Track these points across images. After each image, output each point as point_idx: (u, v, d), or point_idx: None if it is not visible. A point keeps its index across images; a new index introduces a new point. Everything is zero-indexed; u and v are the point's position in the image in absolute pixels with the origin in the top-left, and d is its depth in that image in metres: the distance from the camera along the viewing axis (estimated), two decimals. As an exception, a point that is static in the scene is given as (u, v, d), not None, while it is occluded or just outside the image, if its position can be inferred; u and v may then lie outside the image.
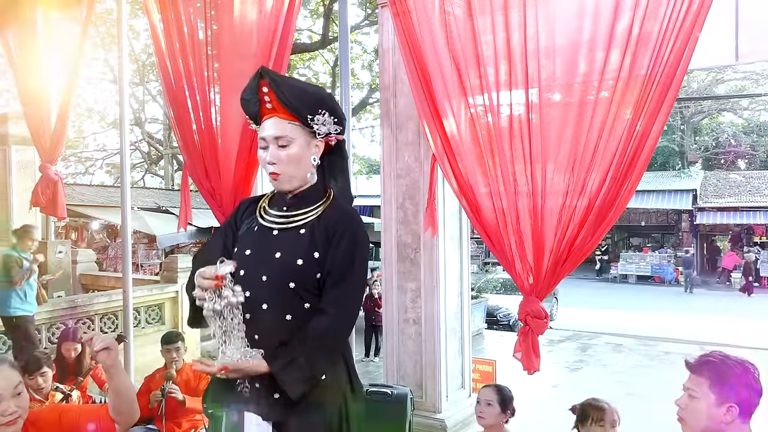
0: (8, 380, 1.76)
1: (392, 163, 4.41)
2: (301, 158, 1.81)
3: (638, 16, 2.34)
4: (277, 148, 1.79)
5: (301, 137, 1.81)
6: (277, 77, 1.80)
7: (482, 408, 2.93)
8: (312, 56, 15.50)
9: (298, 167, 1.82)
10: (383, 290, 4.54)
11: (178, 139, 3.83)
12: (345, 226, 1.83)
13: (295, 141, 1.79)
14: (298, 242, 1.81)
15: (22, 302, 5.64)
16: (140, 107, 20.21)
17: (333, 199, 1.91)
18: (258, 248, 1.83)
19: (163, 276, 7.99)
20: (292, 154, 1.80)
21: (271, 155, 1.80)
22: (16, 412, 1.75)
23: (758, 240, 23.18)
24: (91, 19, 4.34)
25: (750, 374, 1.75)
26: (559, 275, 2.55)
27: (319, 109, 1.80)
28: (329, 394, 1.80)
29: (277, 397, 1.77)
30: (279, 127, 1.79)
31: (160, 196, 16.56)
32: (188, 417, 3.94)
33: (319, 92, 1.88)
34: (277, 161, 1.80)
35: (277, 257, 1.79)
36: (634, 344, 10.56)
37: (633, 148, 2.36)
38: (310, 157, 1.84)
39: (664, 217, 24.98)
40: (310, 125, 1.80)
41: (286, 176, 1.81)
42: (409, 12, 2.83)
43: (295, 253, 1.78)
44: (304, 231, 1.82)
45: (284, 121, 1.80)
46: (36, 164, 6.80)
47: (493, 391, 2.96)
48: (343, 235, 1.81)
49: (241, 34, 3.38)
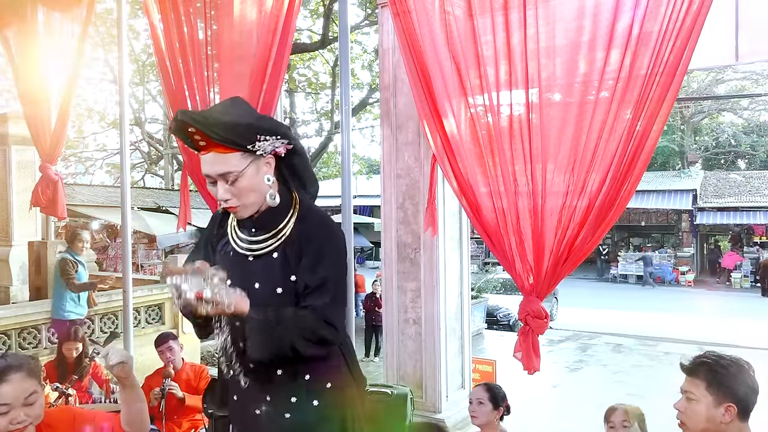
0: (20, 389, 1.74)
1: (392, 163, 4.41)
2: (255, 186, 1.71)
3: (638, 16, 2.33)
4: (226, 183, 1.69)
5: (248, 164, 1.68)
6: (200, 117, 1.67)
7: (474, 407, 2.97)
8: (312, 56, 15.49)
9: (254, 195, 1.72)
10: (383, 290, 4.54)
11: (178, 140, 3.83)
12: (316, 238, 1.75)
13: (243, 172, 1.67)
14: (273, 269, 1.75)
15: (75, 305, 5.70)
16: (140, 107, 20.19)
17: (300, 209, 1.80)
18: (239, 278, 1.73)
19: (163, 276, 7.99)
20: (244, 186, 1.69)
21: (223, 192, 1.69)
22: (25, 421, 1.73)
23: (758, 240, 23.18)
24: (91, 19, 4.34)
25: (746, 372, 1.75)
26: (559, 275, 2.55)
27: (257, 136, 1.68)
28: (336, 403, 1.78)
29: (288, 417, 1.75)
30: (222, 163, 1.67)
31: (160, 196, 16.57)
32: (188, 416, 3.95)
33: (252, 121, 1.71)
34: (231, 196, 1.70)
35: (256, 288, 1.74)
36: (634, 344, 10.57)
37: (633, 148, 2.35)
38: (263, 178, 1.72)
39: (664, 217, 24.98)
40: (252, 150, 1.68)
41: (243, 207, 1.73)
42: (409, 12, 2.83)
43: (273, 283, 1.73)
44: (276, 255, 1.75)
45: (224, 155, 1.67)
46: (36, 164, 6.80)
47: (483, 390, 3.00)
48: (317, 248, 1.74)
49: (241, 34, 3.38)
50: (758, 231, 23.28)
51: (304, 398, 1.76)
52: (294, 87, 15.83)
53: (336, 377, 1.81)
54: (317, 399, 1.76)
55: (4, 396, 1.71)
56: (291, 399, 1.75)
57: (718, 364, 1.75)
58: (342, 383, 1.82)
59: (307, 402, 1.76)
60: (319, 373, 1.77)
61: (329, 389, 1.78)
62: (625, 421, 2.79)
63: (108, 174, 26.25)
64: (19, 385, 1.74)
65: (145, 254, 17.84)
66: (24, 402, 1.73)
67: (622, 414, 2.81)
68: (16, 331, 6.01)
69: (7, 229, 8.00)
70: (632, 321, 13.79)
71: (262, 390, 1.77)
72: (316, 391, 1.77)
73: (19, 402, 1.72)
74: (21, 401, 1.73)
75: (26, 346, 6.04)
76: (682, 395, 1.81)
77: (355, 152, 20.68)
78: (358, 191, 21.67)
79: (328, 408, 1.77)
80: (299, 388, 1.76)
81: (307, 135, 18.17)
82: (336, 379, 1.80)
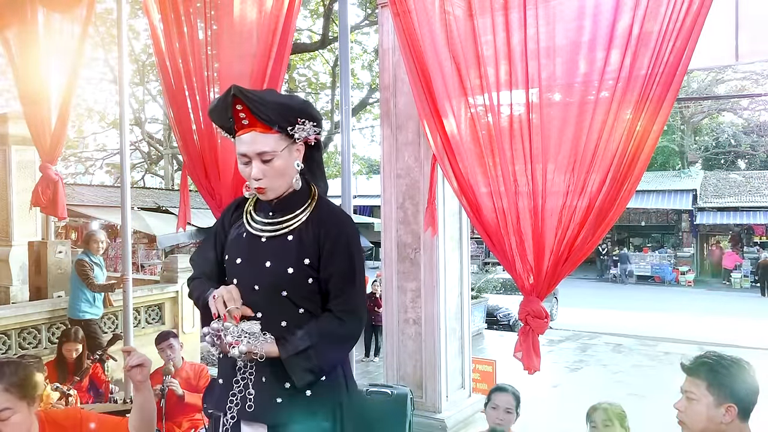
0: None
1: (392, 163, 4.42)
2: (287, 168, 1.79)
3: (638, 16, 2.34)
4: (261, 163, 1.76)
5: (284, 147, 1.77)
6: (251, 95, 1.75)
7: (502, 416, 2.91)
8: (312, 56, 15.51)
9: (283, 178, 1.80)
10: (383, 290, 4.54)
11: (178, 139, 3.83)
12: (335, 227, 1.81)
13: (278, 154, 1.76)
14: (287, 250, 1.79)
15: (90, 306, 5.80)
16: (140, 107, 20.18)
17: (318, 200, 1.88)
18: (248, 257, 1.82)
19: (163, 276, 7.98)
20: (278, 166, 1.77)
21: (258, 171, 1.77)
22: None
23: (758, 240, 23.18)
24: (91, 19, 4.34)
25: (746, 373, 1.75)
26: (559, 275, 2.55)
27: (299, 119, 1.77)
28: (326, 397, 1.81)
29: (280, 402, 1.77)
30: (261, 143, 1.75)
31: (160, 196, 16.55)
32: (188, 416, 3.95)
33: (299, 104, 1.82)
34: (263, 176, 1.77)
35: (267, 266, 1.78)
36: (634, 344, 10.57)
37: (633, 148, 2.35)
38: (294, 163, 1.81)
39: (664, 217, 24.99)
40: (290, 134, 1.78)
41: (271, 189, 1.80)
42: (409, 12, 2.83)
43: (284, 262, 1.78)
44: (291, 237, 1.80)
45: (264, 135, 1.75)
46: (36, 164, 6.80)
47: (512, 398, 2.95)
48: (337, 238, 1.80)
49: (241, 34, 3.38)
50: (758, 231, 23.28)
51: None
52: (294, 87, 15.84)
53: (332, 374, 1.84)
54: (310, 388, 1.79)
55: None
56: (285, 384, 1.78)
57: (719, 365, 1.75)
58: (335, 370, 1.86)
59: (299, 390, 1.79)
60: None
61: (323, 380, 1.81)
62: (607, 421, 2.76)
63: (108, 174, 26.26)
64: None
65: (145, 254, 17.83)
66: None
67: (603, 413, 2.79)
68: (16, 331, 6.01)
69: (7, 229, 8.00)
70: (632, 321, 13.79)
71: (258, 371, 1.80)
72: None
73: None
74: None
75: (26, 346, 6.04)
76: (682, 395, 1.81)
77: (355, 152, 20.67)
78: (358, 191, 21.70)
79: (319, 396, 1.80)
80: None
81: (307, 135, 18.14)
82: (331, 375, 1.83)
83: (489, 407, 2.97)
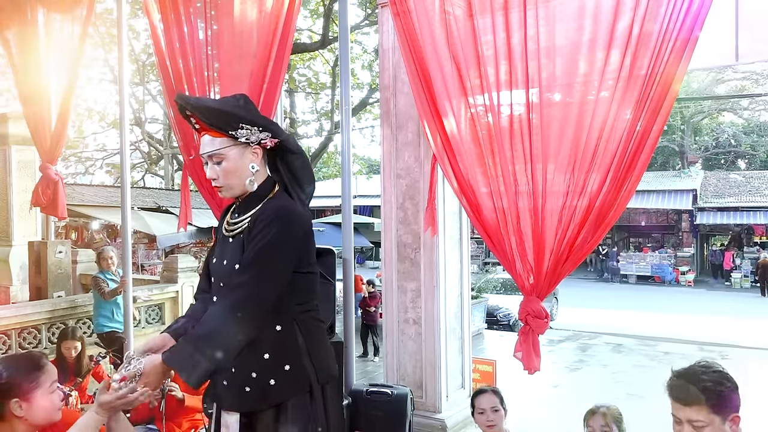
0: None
1: (392, 163, 4.42)
2: (237, 169, 1.91)
3: (638, 16, 2.33)
4: (214, 164, 1.91)
5: (234, 149, 1.90)
6: (192, 100, 1.94)
7: (490, 416, 2.88)
8: (312, 56, 15.48)
9: (236, 178, 1.92)
10: (383, 290, 4.54)
11: (178, 139, 3.83)
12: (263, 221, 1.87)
13: (227, 155, 1.89)
14: (236, 248, 1.92)
15: (109, 320, 6.10)
16: (140, 107, 20.17)
17: (272, 198, 1.96)
18: (219, 257, 1.99)
19: (163, 276, 7.99)
20: (227, 168, 1.90)
21: (211, 171, 1.92)
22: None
23: (758, 240, 23.18)
24: (91, 19, 4.33)
25: (726, 377, 1.72)
26: (559, 275, 2.55)
27: (238, 125, 1.87)
28: (291, 384, 1.88)
29: (248, 391, 1.87)
30: (209, 145, 1.91)
31: (160, 196, 16.56)
32: (188, 416, 3.94)
33: (232, 109, 1.90)
34: (216, 176, 1.92)
35: (224, 264, 1.95)
36: (634, 344, 10.56)
37: (633, 148, 2.35)
38: (248, 165, 1.92)
39: (664, 217, 24.99)
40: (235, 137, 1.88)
41: (226, 188, 1.95)
42: (409, 12, 2.83)
43: (233, 259, 1.90)
44: (242, 236, 1.93)
45: (212, 138, 1.90)
46: (36, 164, 6.81)
47: (494, 396, 2.92)
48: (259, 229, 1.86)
49: (241, 34, 3.38)
50: (758, 231, 23.29)
51: (262, 374, 1.88)
52: (294, 87, 15.82)
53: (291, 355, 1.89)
54: (273, 378, 1.87)
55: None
56: (252, 374, 1.87)
57: (715, 383, 1.69)
58: (299, 361, 1.90)
59: (264, 378, 1.87)
60: (276, 352, 1.88)
61: (287, 371, 1.87)
62: (605, 426, 2.69)
63: (108, 174, 26.26)
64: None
65: (145, 254, 17.84)
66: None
67: (602, 419, 2.72)
68: (16, 331, 6.02)
69: (7, 229, 8.01)
70: (632, 321, 13.79)
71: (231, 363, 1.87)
72: (272, 368, 1.87)
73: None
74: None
75: (26, 346, 6.05)
76: (682, 425, 1.72)
77: (355, 152, 20.68)
78: (358, 191, 21.67)
79: (283, 384, 1.88)
80: (259, 365, 1.87)
81: (307, 135, 18.16)
82: (293, 358, 1.89)
83: (476, 413, 2.94)
